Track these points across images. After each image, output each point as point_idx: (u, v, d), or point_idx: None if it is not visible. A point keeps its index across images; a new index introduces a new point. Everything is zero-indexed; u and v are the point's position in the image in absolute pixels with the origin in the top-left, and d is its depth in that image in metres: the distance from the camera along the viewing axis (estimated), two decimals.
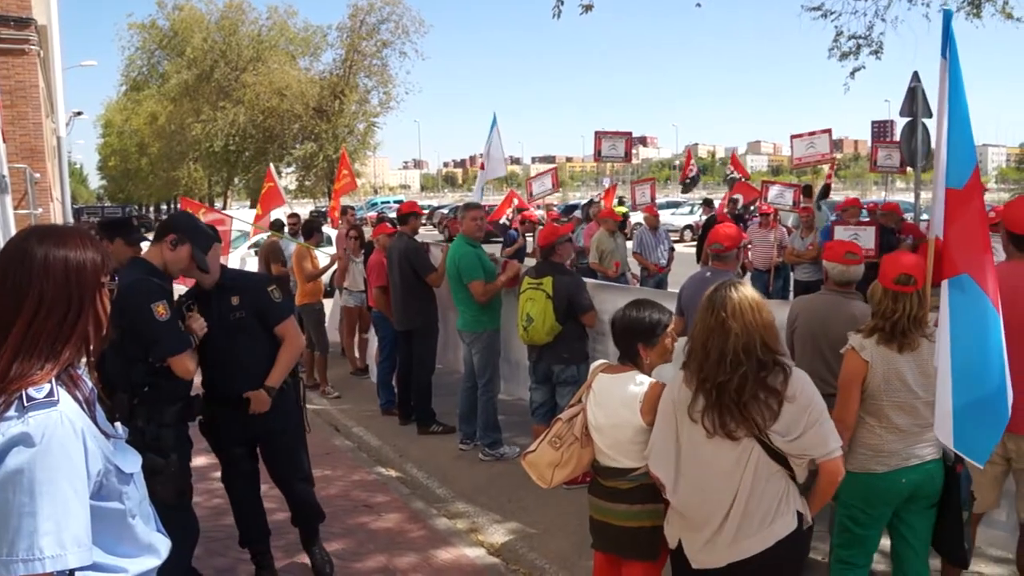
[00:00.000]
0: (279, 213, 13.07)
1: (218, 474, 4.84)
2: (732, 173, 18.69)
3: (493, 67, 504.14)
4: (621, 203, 15.32)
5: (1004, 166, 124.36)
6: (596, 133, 12.82)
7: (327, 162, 33.18)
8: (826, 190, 14.70)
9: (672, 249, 12.53)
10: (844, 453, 3.61)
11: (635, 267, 12.19)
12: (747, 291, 2.91)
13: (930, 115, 10.57)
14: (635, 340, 3.40)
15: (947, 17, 3.45)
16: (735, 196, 16.47)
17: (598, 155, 13.03)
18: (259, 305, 4.40)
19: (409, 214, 8.06)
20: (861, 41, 13.48)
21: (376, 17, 34.61)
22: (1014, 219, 4.01)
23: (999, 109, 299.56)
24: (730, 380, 2.78)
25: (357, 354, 10.45)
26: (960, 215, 3.39)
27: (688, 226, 31.65)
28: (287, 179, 40.34)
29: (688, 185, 20.35)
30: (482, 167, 11.92)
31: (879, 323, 3.56)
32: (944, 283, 3.31)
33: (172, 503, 3.88)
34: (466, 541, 5.43)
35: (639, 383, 3.31)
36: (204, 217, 9.61)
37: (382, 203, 50.67)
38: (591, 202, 14.95)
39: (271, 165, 11.15)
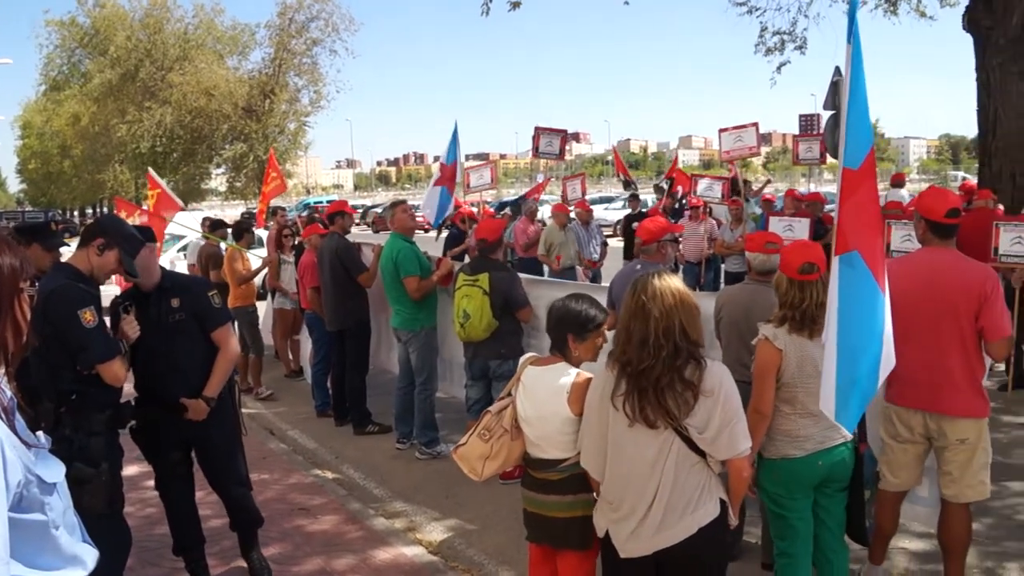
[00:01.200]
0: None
1: (150, 482, 4.77)
2: (662, 182, 19.01)
3: (425, 65, 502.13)
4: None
5: (925, 158, 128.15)
6: (536, 128, 12.90)
7: (257, 163, 32.62)
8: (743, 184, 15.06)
9: (605, 244, 12.70)
10: (762, 443, 3.74)
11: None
12: (670, 279, 2.98)
13: (835, 108, 10.88)
14: (566, 330, 3.44)
15: (853, 5, 3.56)
16: (673, 191, 16.69)
17: (536, 151, 13.13)
18: (199, 308, 4.39)
19: (337, 213, 8.01)
20: (786, 37, 13.87)
21: (305, 15, 34.11)
22: (928, 207, 4.17)
23: (920, 103, 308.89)
24: (649, 365, 2.83)
25: (291, 356, 10.35)
26: (854, 194, 3.50)
27: (619, 221, 31.95)
28: (217, 180, 39.59)
29: (628, 185, 20.58)
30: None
31: (788, 312, 3.67)
32: (835, 258, 3.41)
33: (102, 512, 3.81)
34: (404, 540, 5.44)
35: (567, 374, 3.36)
36: (138, 219, 9.42)
37: (315, 203, 50.09)
38: (522, 199, 15.06)
39: (149, 170, 10.83)
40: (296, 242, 10.15)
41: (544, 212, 17.58)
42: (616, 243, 14.52)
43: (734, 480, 3.02)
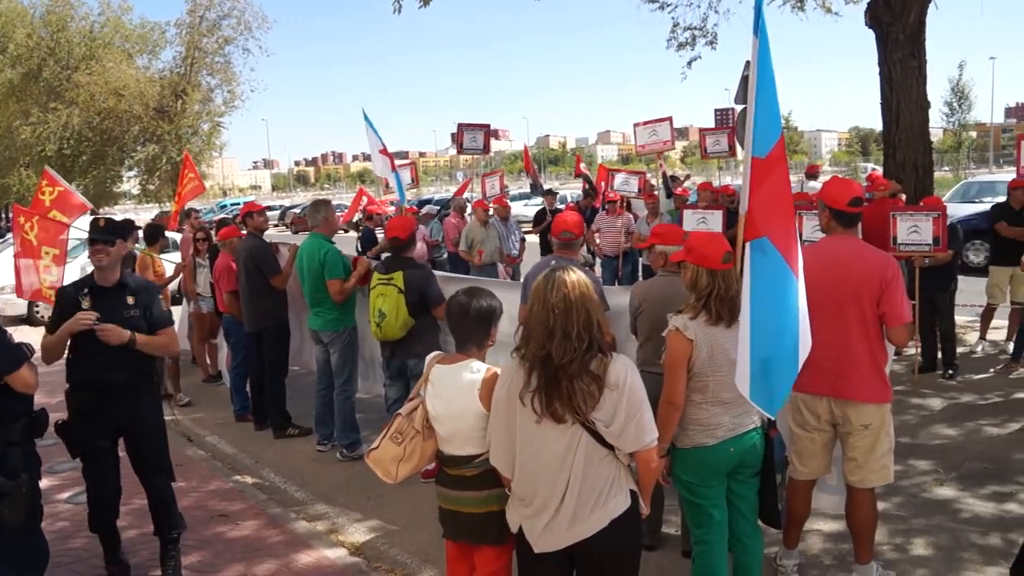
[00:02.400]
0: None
1: (63, 496, 4.71)
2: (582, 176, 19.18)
3: (342, 63, 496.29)
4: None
5: (836, 150, 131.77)
6: (459, 125, 12.93)
7: (171, 165, 31.79)
8: (674, 177, 15.41)
9: (523, 240, 12.79)
10: (675, 432, 3.81)
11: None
12: (579, 274, 3.01)
13: (744, 102, 11.20)
14: (483, 325, 3.45)
15: (759, 0, 3.68)
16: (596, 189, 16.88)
17: (460, 147, 13.16)
18: (150, 308, 4.67)
19: (248, 214, 7.89)
20: (697, 32, 14.14)
21: (216, 13, 33.30)
22: (832, 196, 4.31)
23: (832, 97, 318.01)
24: (559, 358, 2.86)
25: (209, 361, 10.16)
26: (763, 182, 3.61)
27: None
28: (129, 183, 38.40)
29: (535, 188, 20.55)
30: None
31: (708, 303, 3.73)
32: (746, 245, 3.51)
33: (21, 526, 3.76)
34: (326, 542, 5.41)
35: (475, 371, 3.37)
36: (36, 226, 9.08)
37: (231, 205, 49.07)
38: (452, 198, 15.14)
39: (47, 167, 10.46)
40: (211, 244, 9.95)
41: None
42: (534, 239, 14.65)
43: (643, 471, 3.06)
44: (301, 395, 8.05)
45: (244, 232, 8.14)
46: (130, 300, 4.60)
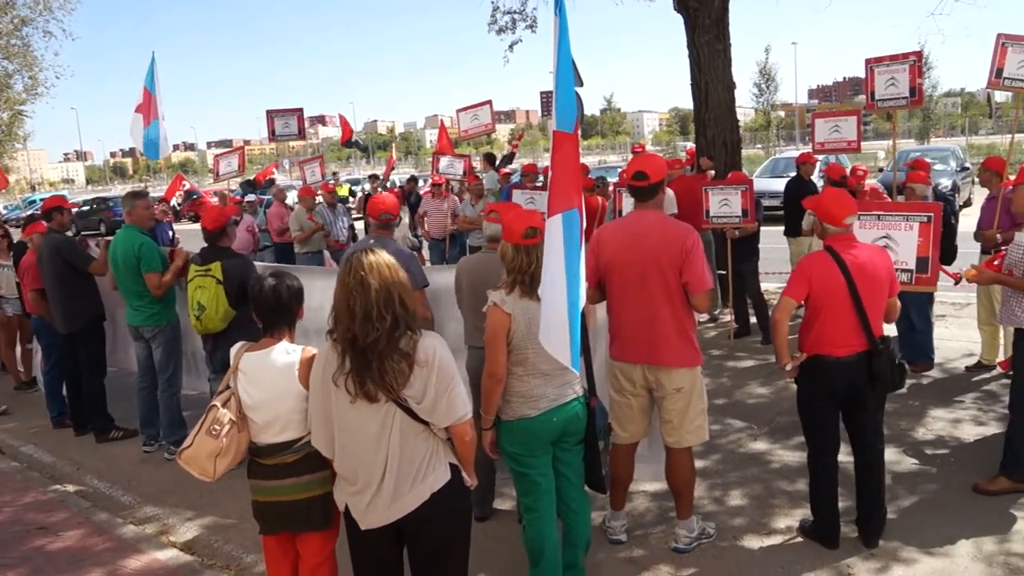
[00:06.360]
0: None
1: None
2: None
3: (159, 46, 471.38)
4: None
5: (658, 129, 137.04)
6: (267, 112, 12.66)
7: None
8: (510, 157, 15.61)
9: (351, 226, 12.72)
10: (499, 406, 3.91)
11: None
12: (382, 253, 3.04)
13: (582, 84, 11.54)
14: (295, 307, 3.50)
15: None
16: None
17: (272, 134, 12.91)
18: None
19: (54, 209, 7.44)
20: (517, 16, 14.38)
21: None
22: (623, 174, 4.54)
23: (651, 79, 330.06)
24: (370, 338, 2.88)
25: (21, 367, 9.56)
26: (570, 155, 3.74)
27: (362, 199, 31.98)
28: None
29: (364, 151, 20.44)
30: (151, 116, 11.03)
31: (517, 277, 3.83)
32: (556, 216, 3.59)
33: None
34: (156, 544, 5.25)
35: (291, 352, 3.37)
36: None
37: (42, 200, 45.84)
38: (271, 183, 14.81)
39: None
40: (13, 242, 9.34)
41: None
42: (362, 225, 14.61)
43: (459, 445, 3.14)
44: (122, 396, 7.71)
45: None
46: None
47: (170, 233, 12.09)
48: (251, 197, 14.32)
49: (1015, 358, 5.22)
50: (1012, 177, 6.70)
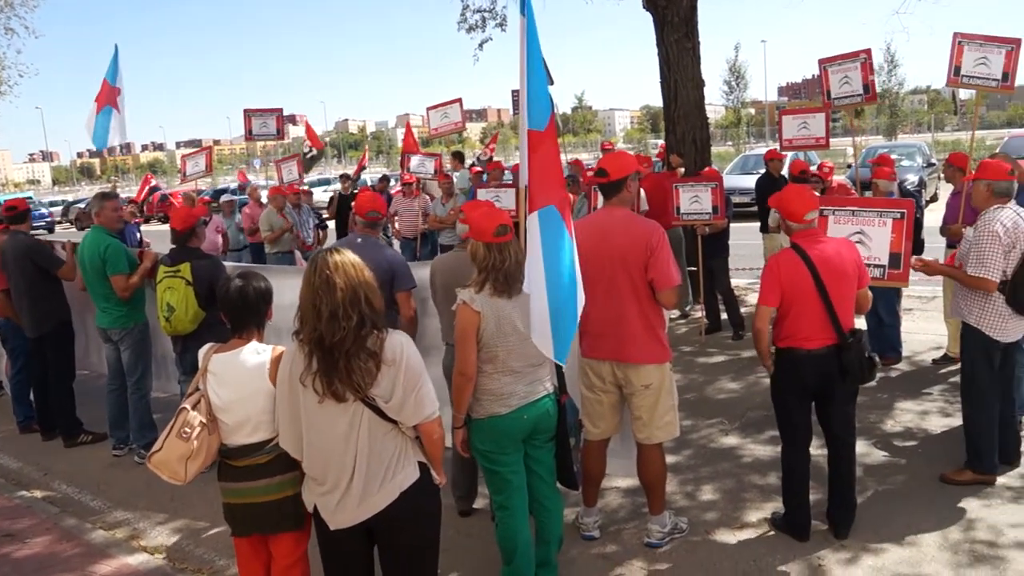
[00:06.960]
0: None
1: None
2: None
3: (125, 46, 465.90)
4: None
5: (629, 127, 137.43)
6: (245, 111, 12.56)
7: None
8: (488, 159, 15.66)
9: (323, 226, 12.69)
10: (470, 404, 3.91)
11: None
12: (347, 253, 3.03)
13: (552, 82, 11.57)
14: (268, 306, 3.50)
15: None
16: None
17: (249, 134, 12.81)
18: None
19: (22, 212, 7.32)
20: (487, 14, 14.39)
21: None
22: (595, 171, 4.57)
23: (623, 77, 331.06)
24: (337, 337, 2.88)
25: None
26: (543, 153, 3.77)
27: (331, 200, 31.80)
28: None
29: (309, 162, 20.38)
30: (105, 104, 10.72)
31: (489, 275, 3.82)
32: (535, 213, 3.64)
33: None
34: (127, 549, 5.20)
35: (260, 351, 3.36)
36: None
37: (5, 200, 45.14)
38: (248, 185, 14.77)
39: None
40: None
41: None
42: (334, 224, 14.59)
43: (427, 443, 3.14)
44: (91, 399, 7.62)
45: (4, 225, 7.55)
46: None
47: (138, 234, 11.98)
48: (226, 197, 14.24)
49: (963, 350, 5.32)
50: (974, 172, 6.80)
